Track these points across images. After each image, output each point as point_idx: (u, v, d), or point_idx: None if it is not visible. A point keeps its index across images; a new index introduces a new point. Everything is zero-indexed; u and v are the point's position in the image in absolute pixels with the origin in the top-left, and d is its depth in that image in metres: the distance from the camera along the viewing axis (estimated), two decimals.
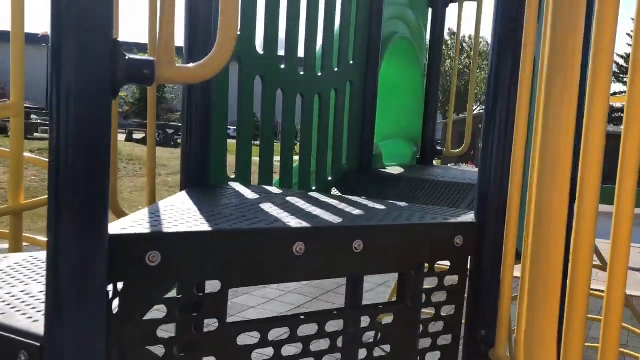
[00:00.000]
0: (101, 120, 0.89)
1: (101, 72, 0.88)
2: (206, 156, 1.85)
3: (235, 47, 1.93)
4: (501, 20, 1.34)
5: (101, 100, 0.89)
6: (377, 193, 2.47)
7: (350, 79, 2.67)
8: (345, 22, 2.56)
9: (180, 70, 0.97)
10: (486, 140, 1.40)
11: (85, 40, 0.86)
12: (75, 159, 0.88)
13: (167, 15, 0.95)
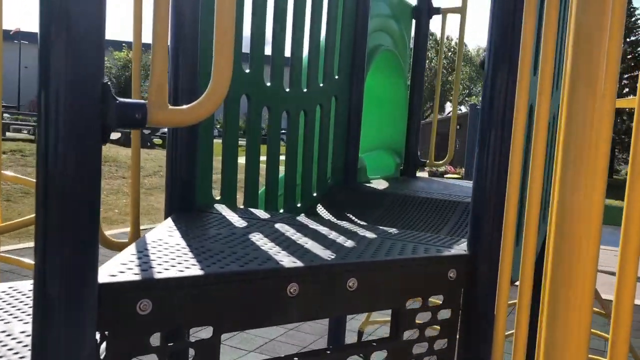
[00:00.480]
0: (91, 169, 0.86)
1: (91, 118, 0.84)
2: (192, 177, 1.81)
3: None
4: (496, 29, 1.33)
5: (91, 148, 0.85)
6: (363, 211, 2.45)
7: (335, 94, 2.65)
8: (331, 37, 2.54)
9: (174, 112, 0.93)
10: (480, 168, 1.39)
11: (74, 85, 0.82)
12: (64, 209, 0.84)
13: (159, 55, 0.92)
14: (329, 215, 2.40)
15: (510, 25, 1.32)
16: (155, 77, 0.92)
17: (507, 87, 1.34)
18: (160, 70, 0.92)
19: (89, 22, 0.81)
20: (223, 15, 0.94)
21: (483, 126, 1.37)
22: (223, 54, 0.95)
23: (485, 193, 1.36)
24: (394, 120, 3.58)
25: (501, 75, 1.34)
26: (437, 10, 3.51)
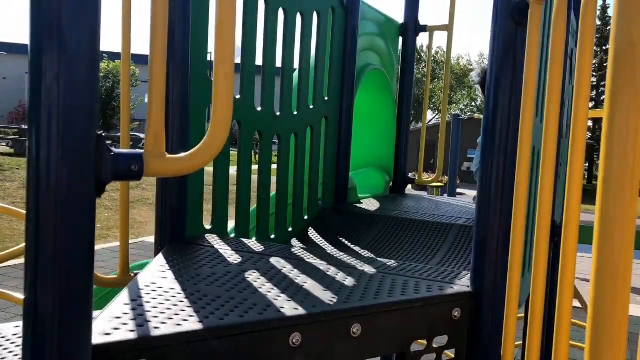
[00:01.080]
0: (85, 224, 0.80)
1: (84, 172, 0.79)
2: (182, 207, 1.76)
3: (209, 94, 1.88)
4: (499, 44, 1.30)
5: (84, 204, 0.80)
6: (355, 234, 2.41)
7: (325, 115, 2.61)
8: (320, 58, 2.51)
9: (172, 162, 0.89)
10: (482, 198, 1.36)
11: (66, 137, 0.77)
12: (55, 268, 0.79)
13: (156, 102, 0.87)
14: (321, 240, 2.36)
15: (511, 51, 1.30)
16: (152, 125, 0.87)
17: (510, 117, 1.31)
18: (157, 117, 0.87)
19: (80, 81, 0.77)
20: (224, 57, 0.90)
21: (485, 157, 1.34)
22: (223, 97, 0.91)
23: (488, 223, 1.33)
24: (383, 138, 3.55)
25: (502, 103, 1.31)
26: (424, 28, 3.50)
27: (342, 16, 2.67)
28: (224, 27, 0.90)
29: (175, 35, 1.64)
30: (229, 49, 0.90)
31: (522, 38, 1.26)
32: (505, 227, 1.31)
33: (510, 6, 1.24)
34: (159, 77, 0.87)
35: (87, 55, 0.77)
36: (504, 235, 1.32)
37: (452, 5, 3.44)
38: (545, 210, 1.12)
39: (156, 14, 0.86)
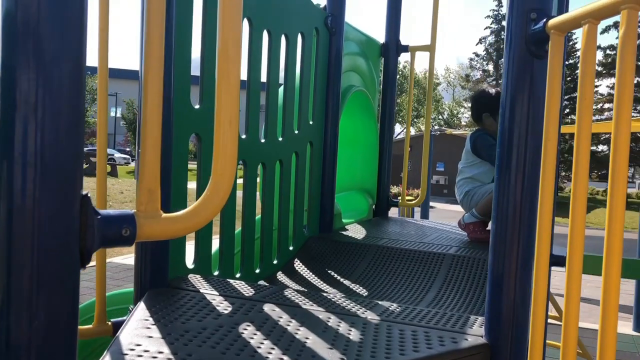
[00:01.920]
0: (66, 305, 0.67)
1: (67, 241, 0.66)
2: (165, 246, 1.62)
3: (194, 122, 1.74)
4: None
5: (66, 278, 0.67)
6: (345, 266, 2.30)
7: (310, 140, 2.50)
8: (305, 81, 2.41)
9: (167, 222, 0.76)
10: (496, 241, 1.26)
11: (44, 200, 0.64)
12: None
13: (149, 154, 0.75)
14: (310, 274, 2.23)
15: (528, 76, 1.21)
16: (145, 179, 0.75)
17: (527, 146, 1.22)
18: (151, 170, 0.75)
19: (62, 131, 0.64)
20: (229, 100, 0.79)
21: (500, 193, 1.25)
22: (227, 145, 0.79)
23: (504, 263, 1.24)
24: (365, 160, 3.46)
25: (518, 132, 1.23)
26: (406, 48, 3.44)
27: (326, 37, 2.58)
28: (230, 68, 0.78)
29: None
30: (234, 91, 0.79)
31: (539, 70, 1.18)
32: (523, 265, 1.22)
33: (526, 37, 1.16)
34: (154, 123, 0.75)
35: (71, 109, 0.64)
36: (522, 276, 1.23)
37: (434, 26, 3.39)
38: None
39: (150, 55, 0.75)
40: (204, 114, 1.74)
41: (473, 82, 43.69)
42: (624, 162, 0.85)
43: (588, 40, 0.97)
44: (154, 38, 0.74)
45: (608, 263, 0.91)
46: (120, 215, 0.72)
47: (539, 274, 1.11)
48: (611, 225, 0.91)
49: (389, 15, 3.45)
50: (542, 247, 1.11)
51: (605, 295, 0.89)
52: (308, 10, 2.40)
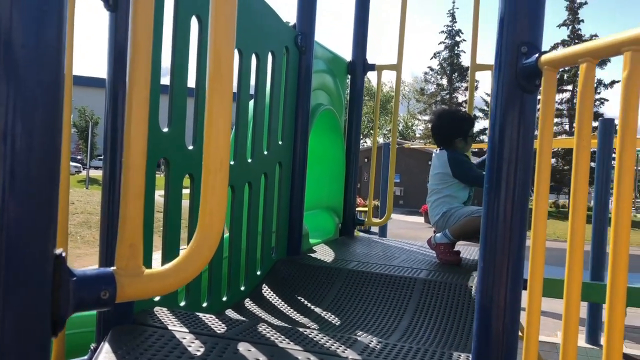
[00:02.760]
0: None
1: (38, 306, 0.58)
2: None
3: (163, 146, 1.65)
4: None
5: (35, 349, 0.58)
6: (315, 291, 2.23)
7: (279, 160, 2.43)
8: (275, 101, 2.34)
9: (151, 280, 0.68)
10: (485, 268, 1.23)
11: (12, 259, 0.56)
12: None
13: (133, 202, 0.67)
14: (279, 301, 2.16)
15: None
16: (126, 233, 0.67)
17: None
18: (134, 222, 0.67)
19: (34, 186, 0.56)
20: (218, 146, 0.72)
21: (489, 223, 1.22)
22: (215, 195, 0.72)
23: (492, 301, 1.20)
24: (331, 179, 3.42)
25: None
26: (372, 67, 3.43)
27: (296, 56, 2.52)
28: (220, 116, 0.72)
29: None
30: (224, 137, 0.72)
31: (528, 103, 1.16)
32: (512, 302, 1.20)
33: (517, 70, 1.13)
34: (137, 168, 0.67)
35: (46, 155, 0.56)
36: (510, 313, 1.20)
37: (400, 46, 3.39)
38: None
39: (133, 98, 0.67)
40: (173, 137, 1.65)
41: (427, 96, 44.50)
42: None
43: (586, 79, 0.94)
44: (140, 78, 0.66)
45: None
46: (99, 275, 0.64)
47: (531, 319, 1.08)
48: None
49: (356, 33, 3.43)
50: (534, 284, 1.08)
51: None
52: (279, 29, 2.34)
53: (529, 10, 1.13)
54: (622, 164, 0.85)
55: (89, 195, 16.59)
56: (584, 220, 0.96)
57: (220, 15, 0.75)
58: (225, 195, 0.72)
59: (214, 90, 0.72)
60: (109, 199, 1.45)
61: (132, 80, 0.67)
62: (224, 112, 0.71)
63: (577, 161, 0.95)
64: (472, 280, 2.23)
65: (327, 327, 1.89)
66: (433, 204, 2.79)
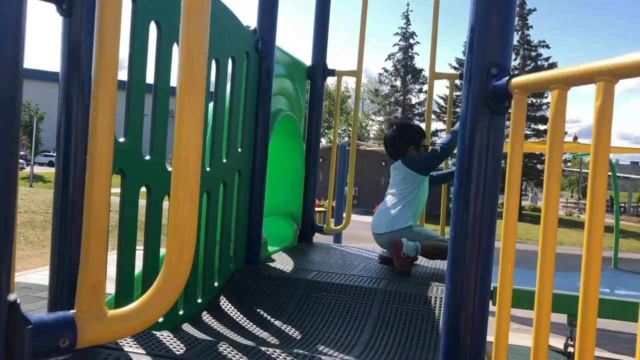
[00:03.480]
0: None
1: None
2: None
3: (119, 157, 1.58)
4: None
5: None
6: (275, 303, 2.19)
7: (239, 169, 2.38)
8: (235, 108, 2.29)
9: (114, 323, 0.63)
10: (453, 280, 1.22)
11: None
12: None
13: (95, 241, 0.62)
14: (237, 314, 2.10)
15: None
16: (88, 275, 0.62)
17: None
18: (96, 263, 0.63)
19: None
20: (188, 171, 0.68)
21: (456, 248, 1.21)
22: (185, 227, 0.68)
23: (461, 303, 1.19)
24: (290, 185, 3.38)
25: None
26: (332, 72, 3.41)
27: (257, 61, 2.47)
28: (191, 132, 0.68)
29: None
30: (194, 158, 0.68)
31: (497, 125, 1.16)
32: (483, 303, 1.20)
33: (486, 91, 1.13)
34: (101, 204, 0.62)
35: None
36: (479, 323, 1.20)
37: (360, 52, 3.39)
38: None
39: (97, 117, 0.62)
40: (130, 147, 1.59)
41: (382, 97, 44.97)
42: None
43: (558, 105, 0.94)
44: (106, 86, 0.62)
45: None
46: (57, 321, 0.59)
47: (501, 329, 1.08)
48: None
49: (316, 38, 3.41)
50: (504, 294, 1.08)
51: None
52: (239, 34, 2.29)
53: (499, 33, 1.12)
54: (594, 191, 0.85)
55: (33, 194, 15.99)
56: (554, 246, 0.97)
57: (193, 22, 0.70)
58: (194, 230, 0.68)
59: (184, 111, 0.68)
60: (61, 200, 1.37)
61: (96, 111, 0.62)
62: (195, 144, 0.67)
63: (548, 188, 0.95)
64: (431, 291, 2.24)
65: (288, 342, 1.86)
66: (396, 208, 2.80)
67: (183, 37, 0.69)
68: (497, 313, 1.08)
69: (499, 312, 1.08)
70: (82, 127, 1.37)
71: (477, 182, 1.16)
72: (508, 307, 1.08)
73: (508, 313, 1.09)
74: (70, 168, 1.35)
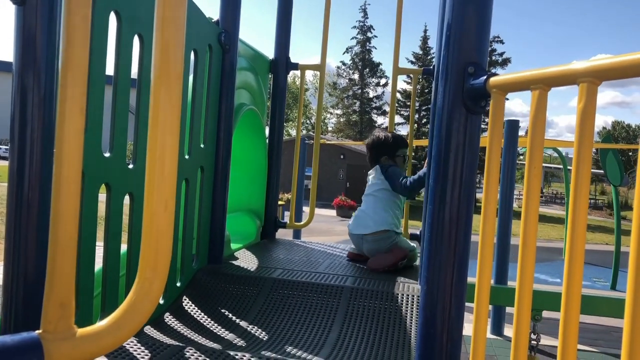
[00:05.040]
0: None
1: None
2: (35, 294, 1.36)
3: (105, 172, 1.51)
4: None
5: None
6: (239, 303, 2.14)
7: (201, 165, 2.31)
8: (198, 102, 2.22)
9: (85, 342, 0.58)
10: (429, 281, 1.20)
11: None
12: None
13: (63, 257, 0.57)
14: (202, 315, 2.05)
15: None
16: (55, 292, 0.56)
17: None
18: (64, 280, 0.57)
19: None
20: (163, 179, 0.63)
21: (431, 248, 1.20)
22: (162, 236, 0.63)
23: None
24: (253, 180, 3.32)
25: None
26: (295, 66, 3.36)
27: (219, 54, 2.40)
28: (167, 133, 0.63)
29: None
30: (170, 164, 0.63)
31: (473, 124, 1.14)
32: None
33: (463, 90, 1.11)
34: (69, 216, 0.57)
35: None
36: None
37: (324, 47, 3.35)
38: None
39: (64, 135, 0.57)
40: (115, 160, 1.55)
41: (340, 90, 45.09)
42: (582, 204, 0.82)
43: (538, 106, 0.93)
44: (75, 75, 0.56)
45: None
46: (22, 343, 0.53)
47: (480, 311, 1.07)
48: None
49: (279, 31, 3.35)
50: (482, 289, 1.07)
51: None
52: (202, 26, 2.22)
53: (476, 30, 1.11)
54: (577, 188, 0.84)
55: None
56: (534, 243, 0.96)
57: (169, 15, 0.65)
58: (169, 242, 0.63)
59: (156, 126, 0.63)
60: (16, 197, 1.29)
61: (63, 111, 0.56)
62: (171, 147, 0.62)
63: (529, 187, 0.94)
64: (398, 288, 2.23)
65: (255, 344, 1.81)
66: (377, 209, 2.79)
67: (158, 31, 0.63)
68: (475, 310, 1.07)
69: (477, 309, 1.07)
70: (37, 120, 1.29)
71: (453, 182, 1.14)
72: (486, 306, 1.07)
73: (486, 310, 1.08)
74: (25, 163, 1.27)
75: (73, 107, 0.57)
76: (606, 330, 5.77)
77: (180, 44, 0.65)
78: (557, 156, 13.50)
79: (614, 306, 2.71)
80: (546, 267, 11.08)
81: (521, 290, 0.95)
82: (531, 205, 0.94)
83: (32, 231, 1.27)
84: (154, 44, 0.66)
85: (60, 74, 0.59)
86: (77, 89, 0.58)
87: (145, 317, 0.63)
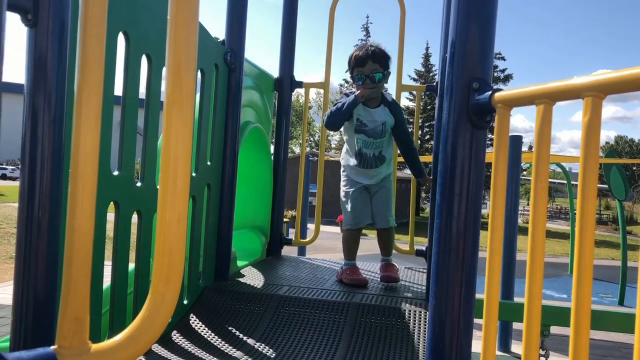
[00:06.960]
0: None
1: None
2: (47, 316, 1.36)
3: (114, 190, 1.53)
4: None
5: None
6: (246, 321, 2.14)
7: (208, 182, 2.32)
8: (205, 121, 2.24)
9: (99, 358, 0.59)
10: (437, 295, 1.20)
11: None
12: None
13: (79, 272, 0.58)
14: (209, 332, 2.04)
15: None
16: (70, 308, 0.57)
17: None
18: (80, 295, 0.58)
19: None
20: (176, 193, 0.64)
21: (439, 266, 1.20)
22: (174, 250, 0.64)
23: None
24: (258, 197, 3.33)
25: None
26: (299, 84, 3.39)
27: (225, 74, 2.43)
28: (179, 149, 0.64)
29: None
30: (183, 179, 0.64)
31: (479, 139, 1.15)
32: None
33: (468, 106, 1.12)
34: (84, 233, 0.58)
35: None
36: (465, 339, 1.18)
37: (328, 65, 3.38)
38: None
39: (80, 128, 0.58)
40: (123, 179, 1.58)
41: None
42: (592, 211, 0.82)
43: (543, 120, 0.94)
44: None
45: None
46: (38, 358, 0.54)
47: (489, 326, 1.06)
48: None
49: (283, 50, 3.38)
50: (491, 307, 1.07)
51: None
52: (208, 46, 2.25)
53: (480, 47, 1.12)
54: (584, 202, 0.85)
55: None
56: (542, 258, 0.96)
57: (181, 35, 0.66)
58: (182, 256, 0.64)
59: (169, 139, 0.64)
60: (27, 217, 1.30)
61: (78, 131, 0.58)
62: (183, 162, 0.63)
63: (536, 202, 0.94)
64: (405, 304, 2.22)
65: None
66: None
67: (170, 51, 0.65)
68: (484, 325, 1.07)
69: (486, 324, 1.07)
70: (48, 140, 1.31)
71: (460, 197, 1.15)
72: (495, 321, 1.07)
73: (495, 326, 1.08)
74: (36, 182, 1.28)
75: (88, 124, 0.58)
76: (615, 347, 5.71)
77: (192, 63, 0.67)
78: (560, 171, 13.48)
79: (624, 321, 2.68)
80: (553, 283, 10.99)
81: (530, 305, 0.95)
82: (538, 219, 0.94)
83: (43, 249, 1.28)
84: (166, 63, 0.67)
85: (75, 91, 0.60)
86: (92, 106, 0.59)
87: (159, 331, 0.64)
